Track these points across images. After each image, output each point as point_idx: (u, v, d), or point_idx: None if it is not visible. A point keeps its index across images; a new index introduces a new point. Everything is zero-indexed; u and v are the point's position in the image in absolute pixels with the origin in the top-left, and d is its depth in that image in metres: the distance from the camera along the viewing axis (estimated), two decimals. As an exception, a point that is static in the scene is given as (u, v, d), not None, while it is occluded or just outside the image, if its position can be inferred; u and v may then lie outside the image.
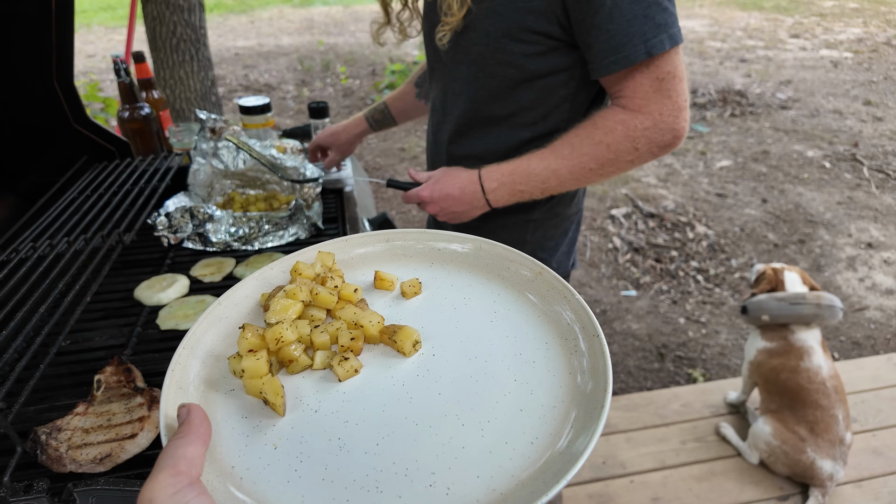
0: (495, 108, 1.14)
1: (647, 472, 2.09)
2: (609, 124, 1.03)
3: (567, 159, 1.05)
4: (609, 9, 0.93)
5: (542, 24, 0.99)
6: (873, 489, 2.00)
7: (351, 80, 6.77)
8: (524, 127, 1.15)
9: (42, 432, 0.70)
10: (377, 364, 0.62)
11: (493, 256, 0.75)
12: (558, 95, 1.10)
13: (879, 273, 3.36)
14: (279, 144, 1.41)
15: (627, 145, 1.02)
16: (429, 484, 0.48)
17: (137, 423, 0.71)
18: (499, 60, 1.06)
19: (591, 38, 0.97)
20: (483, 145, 1.19)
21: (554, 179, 1.07)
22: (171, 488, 0.40)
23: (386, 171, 4.64)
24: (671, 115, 1.00)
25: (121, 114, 1.54)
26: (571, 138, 1.06)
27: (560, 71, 1.07)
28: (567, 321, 0.64)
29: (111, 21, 9.92)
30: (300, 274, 0.70)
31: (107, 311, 1.02)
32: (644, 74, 0.98)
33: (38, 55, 1.28)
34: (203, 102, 3.76)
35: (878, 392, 2.38)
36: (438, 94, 1.24)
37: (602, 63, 0.98)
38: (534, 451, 0.51)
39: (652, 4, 0.93)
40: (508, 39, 1.03)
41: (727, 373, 2.68)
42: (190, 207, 1.19)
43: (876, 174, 4.44)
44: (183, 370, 0.58)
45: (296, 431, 0.54)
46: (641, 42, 0.94)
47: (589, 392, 0.55)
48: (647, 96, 0.99)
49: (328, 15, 10.34)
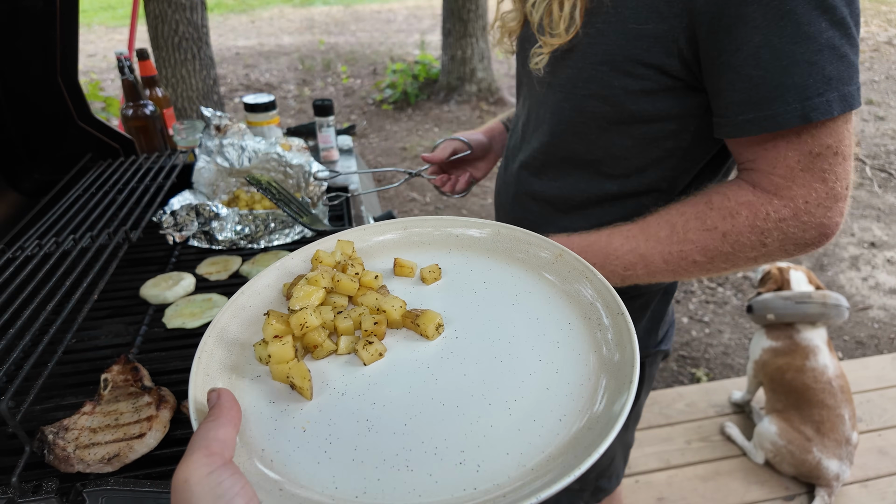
0: (578, 149, 0.89)
1: (651, 471, 2.09)
2: (730, 206, 0.76)
3: (663, 244, 0.79)
4: (756, 47, 0.66)
5: (658, 54, 0.74)
6: (879, 489, 1.99)
7: (352, 79, 6.76)
8: (611, 178, 0.89)
9: (49, 432, 0.69)
10: (401, 347, 0.62)
11: (512, 240, 0.75)
12: (663, 148, 0.84)
13: (882, 272, 3.35)
14: (284, 142, 1.41)
15: (753, 238, 0.75)
16: (459, 462, 0.48)
17: (145, 423, 0.70)
18: (591, 92, 0.81)
19: (724, 84, 0.71)
20: (556, 188, 0.95)
21: (641, 266, 0.81)
22: (205, 468, 0.41)
23: (386, 172, 4.63)
24: (821, 204, 0.72)
25: (124, 111, 1.53)
26: (673, 216, 0.80)
27: (669, 118, 0.80)
28: (589, 300, 0.64)
29: (112, 21, 9.91)
30: (321, 262, 0.70)
31: (113, 310, 1.01)
32: (792, 145, 0.70)
33: (43, 52, 1.27)
34: (205, 101, 3.76)
35: (884, 392, 2.37)
36: (523, 114, 1.00)
37: (733, 120, 0.72)
38: (562, 427, 0.51)
39: (824, 48, 0.65)
40: (609, 68, 0.77)
41: (731, 372, 2.67)
42: (195, 205, 1.18)
43: (878, 173, 4.43)
44: (209, 357, 0.58)
45: (324, 414, 0.54)
46: (798, 100, 0.66)
47: (617, 362, 0.55)
48: (791, 175, 0.72)
49: (329, 14, 10.33)
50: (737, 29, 0.67)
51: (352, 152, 1.82)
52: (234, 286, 1.07)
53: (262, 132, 1.59)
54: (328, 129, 1.66)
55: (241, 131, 1.37)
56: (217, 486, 0.40)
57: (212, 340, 0.60)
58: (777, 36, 0.65)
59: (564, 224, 0.98)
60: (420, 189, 4.34)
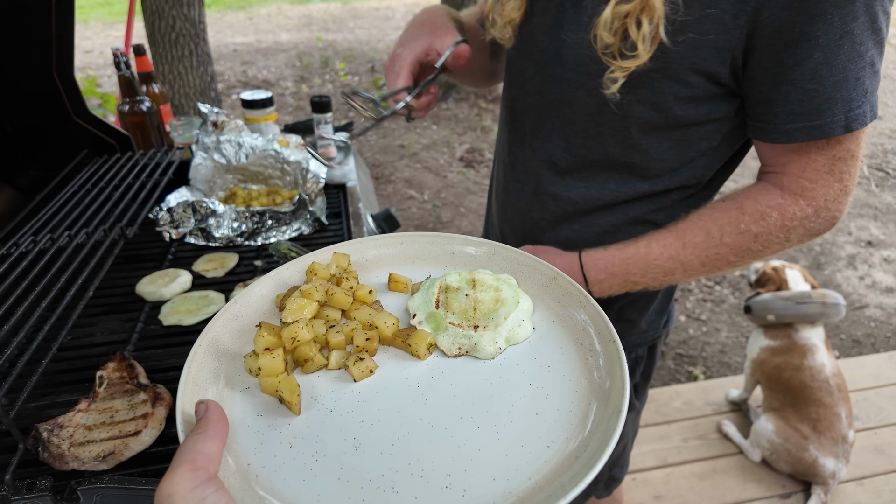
0: (614, 152, 0.89)
1: (649, 469, 2.09)
2: (761, 209, 0.82)
3: (700, 249, 0.84)
4: (816, 63, 0.70)
5: (713, 63, 0.76)
6: (875, 487, 2.00)
7: (350, 76, 6.74)
8: (644, 179, 0.90)
9: (43, 429, 0.68)
10: (392, 365, 0.61)
11: (508, 260, 0.74)
12: (697, 148, 0.86)
13: (879, 271, 3.36)
14: (281, 139, 1.40)
15: (780, 235, 0.82)
16: (445, 485, 0.48)
17: (141, 420, 0.70)
18: (639, 98, 0.81)
19: (778, 94, 0.74)
20: (583, 189, 0.94)
21: (680, 272, 0.87)
22: (190, 483, 0.40)
23: (385, 169, 4.62)
24: (837, 200, 0.79)
25: (121, 107, 1.52)
26: (706, 223, 0.85)
27: (709, 122, 0.83)
28: (582, 325, 0.63)
29: (108, 17, 9.86)
30: (316, 274, 0.70)
31: (109, 307, 1.01)
32: (823, 151, 0.77)
33: (38, 47, 1.26)
34: (202, 98, 3.74)
35: (880, 390, 2.38)
36: (528, 112, 0.97)
37: (781, 127, 0.76)
38: (550, 454, 0.50)
39: (867, 65, 0.71)
40: (661, 75, 0.78)
41: (728, 371, 2.68)
42: (192, 202, 1.18)
43: (876, 172, 4.44)
44: (199, 367, 0.57)
45: (311, 430, 0.53)
46: (843, 112, 0.72)
47: (607, 388, 0.55)
48: (817, 178, 0.78)
49: (326, 11, 10.30)
50: (799, 45, 0.70)
51: (350, 148, 1.81)
52: (231, 283, 1.07)
53: (260, 129, 1.58)
54: (326, 125, 1.65)
55: (238, 128, 1.37)
56: (201, 501, 0.40)
57: (202, 350, 0.59)
58: (835, 54, 0.70)
59: (588, 221, 0.97)
60: (418, 187, 4.33)
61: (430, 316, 0.65)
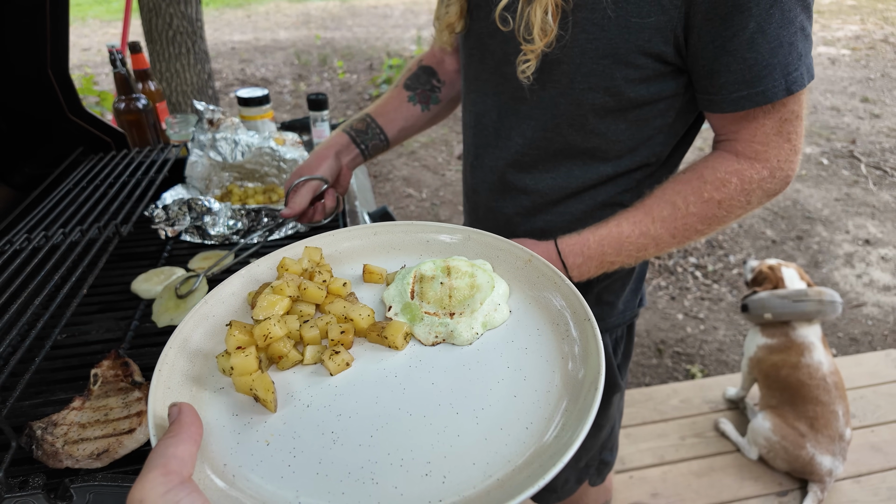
0: (574, 139, 0.93)
1: (646, 467, 2.09)
2: (721, 177, 0.86)
3: (668, 222, 0.88)
4: (751, 32, 0.74)
5: (658, 44, 0.80)
6: (872, 485, 2.00)
7: (348, 74, 6.73)
8: (606, 161, 0.95)
9: (37, 427, 0.68)
10: (368, 357, 0.61)
11: (482, 245, 0.74)
12: (653, 126, 0.91)
13: (877, 269, 3.37)
14: (278, 136, 1.40)
15: (741, 199, 0.86)
16: (425, 473, 0.48)
17: (135, 418, 0.70)
18: (591, 86, 0.85)
19: (720, 66, 0.79)
20: (549, 180, 0.99)
21: (652, 246, 0.90)
22: (161, 487, 0.40)
23: (383, 167, 4.62)
24: (788, 160, 0.84)
25: (117, 105, 1.52)
26: (671, 196, 0.88)
27: (661, 100, 0.88)
28: (558, 307, 0.64)
29: (106, 14, 9.83)
30: (287, 269, 0.69)
31: (103, 305, 1.00)
32: (770, 115, 0.81)
33: (33, 43, 1.26)
34: (199, 96, 3.73)
35: (877, 388, 2.38)
36: (492, 112, 1.01)
37: (728, 98, 0.80)
38: (529, 436, 0.51)
39: (798, 30, 0.76)
40: (611, 61, 0.82)
41: (725, 369, 2.68)
42: (188, 200, 1.17)
43: (873, 171, 4.45)
44: (171, 369, 0.56)
45: (288, 427, 0.53)
46: (782, 76, 0.76)
47: (581, 379, 0.55)
48: (767, 141, 0.83)
49: (325, 9, 10.28)
50: (734, 17, 0.74)
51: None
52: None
53: (256, 126, 1.58)
54: (322, 123, 1.65)
55: (234, 125, 1.36)
56: None
57: (173, 351, 0.58)
58: (767, 22, 0.74)
59: (560, 210, 1.01)
60: (416, 185, 4.33)
61: (406, 307, 0.65)
